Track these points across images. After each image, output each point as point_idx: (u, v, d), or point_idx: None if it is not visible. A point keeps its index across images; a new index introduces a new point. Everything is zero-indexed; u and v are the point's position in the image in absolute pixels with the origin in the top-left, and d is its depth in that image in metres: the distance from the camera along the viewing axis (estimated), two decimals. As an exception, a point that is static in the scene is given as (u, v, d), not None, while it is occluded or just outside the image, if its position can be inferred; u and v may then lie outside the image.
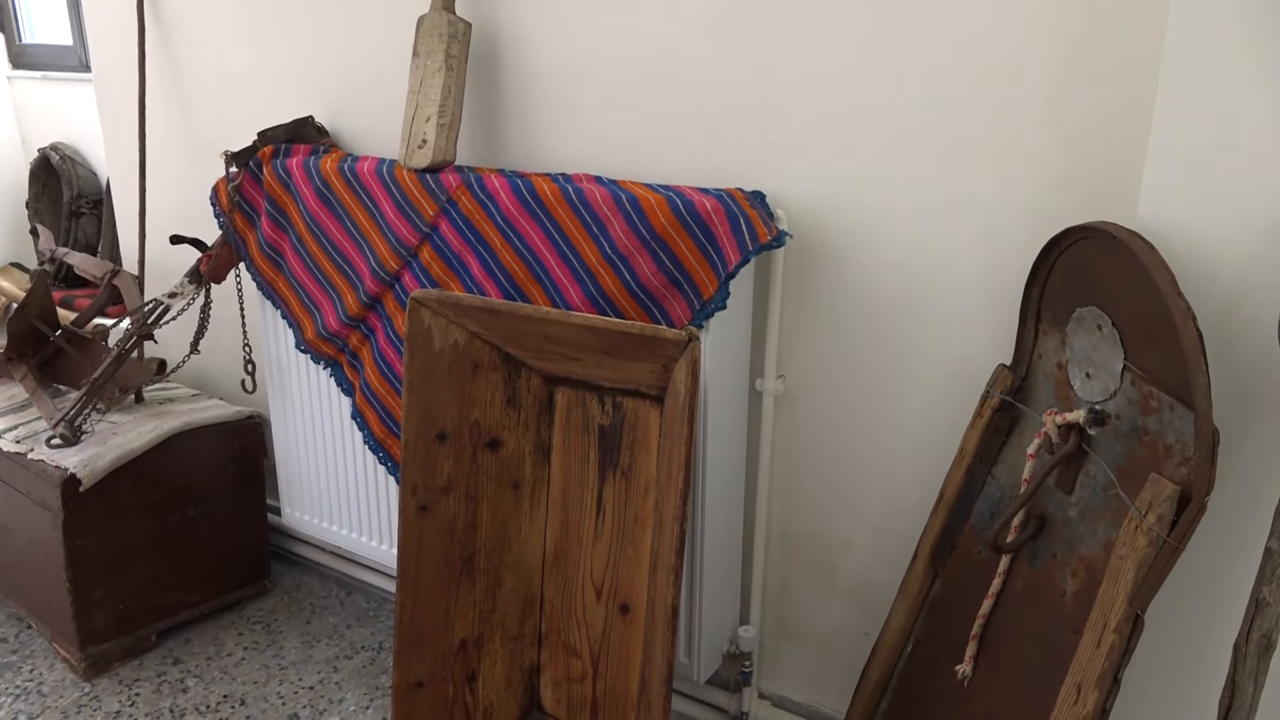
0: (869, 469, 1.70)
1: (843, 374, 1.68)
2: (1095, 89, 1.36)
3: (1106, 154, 1.37)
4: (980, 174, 1.47)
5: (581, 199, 1.65)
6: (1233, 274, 1.21)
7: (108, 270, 2.46)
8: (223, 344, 2.48)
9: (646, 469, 1.65)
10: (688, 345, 1.46)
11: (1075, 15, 1.35)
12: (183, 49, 2.41)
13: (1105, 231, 1.23)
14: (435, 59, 1.82)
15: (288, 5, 2.17)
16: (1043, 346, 1.41)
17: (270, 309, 2.14)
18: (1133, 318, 1.21)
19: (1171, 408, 1.16)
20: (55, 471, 2.00)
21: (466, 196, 1.78)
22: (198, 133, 2.45)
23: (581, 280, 1.67)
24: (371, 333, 1.98)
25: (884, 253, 1.59)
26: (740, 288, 1.61)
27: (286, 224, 2.06)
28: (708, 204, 1.55)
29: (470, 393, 1.72)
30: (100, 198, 3.40)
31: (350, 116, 2.15)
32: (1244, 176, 1.18)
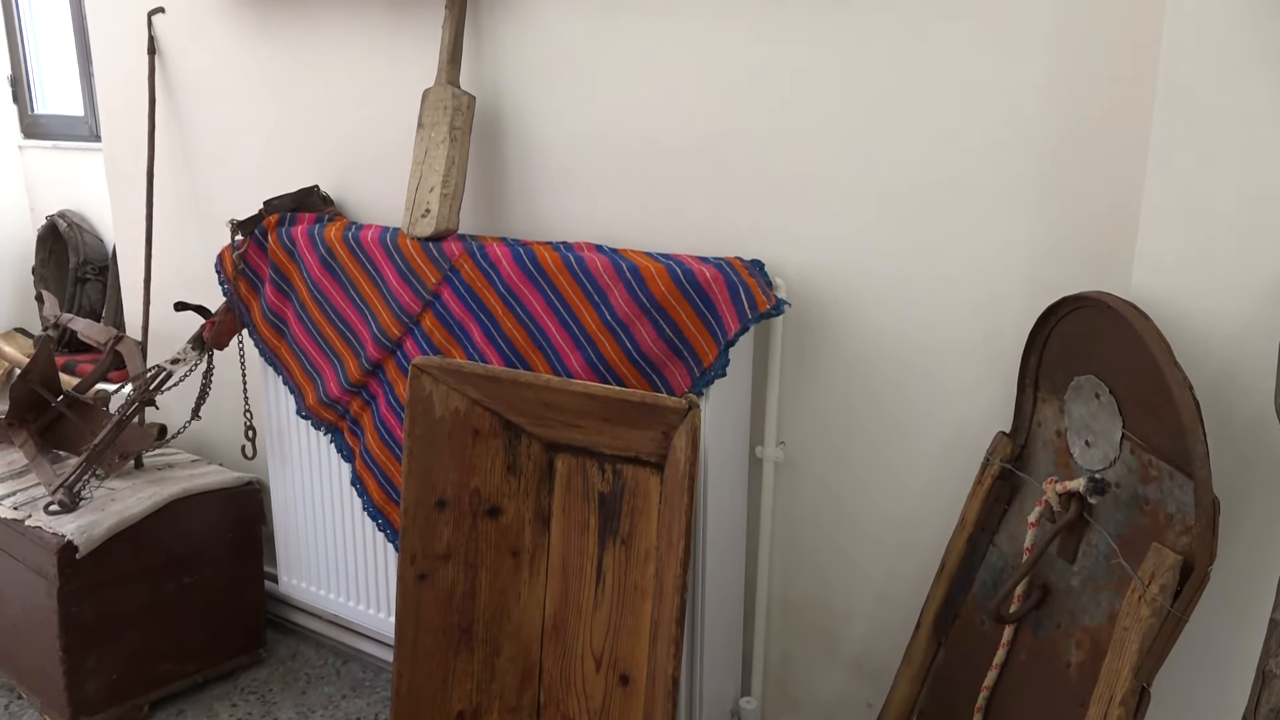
0: (870, 536, 1.69)
1: (843, 441, 1.69)
2: (1088, 163, 1.39)
3: (1100, 225, 1.39)
4: (977, 244, 1.49)
5: (582, 267, 1.67)
6: (1227, 342, 1.22)
7: (111, 336, 2.47)
8: (224, 410, 2.49)
9: (647, 537, 1.64)
10: (688, 413, 1.47)
11: (1069, 93, 1.38)
12: (192, 120, 2.46)
13: (1101, 301, 1.24)
14: (440, 131, 1.86)
15: (296, 78, 2.22)
16: (1041, 414, 1.42)
17: (272, 375, 2.15)
18: (1130, 386, 1.22)
19: (1171, 476, 1.16)
20: (52, 538, 1.99)
21: (469, 265, 1.80)
22: (204, 201, 2.49)
23: (582, 347, 1.68)
24: (373, 399, 1.99)
25: (882, 320, 1.60)
26: (740, 355, 1.63)
27: (290, 291, 2.08)
28: (707, 273, 1.57)
29: (470, 460, 1.72)
30: (106, 264, 3.44)
31: (355, 186, 2.19)
32: (1235, 247, 1.20)
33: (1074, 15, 1.36)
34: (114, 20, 2.56)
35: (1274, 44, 1.14)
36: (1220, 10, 1.16)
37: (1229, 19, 1.16)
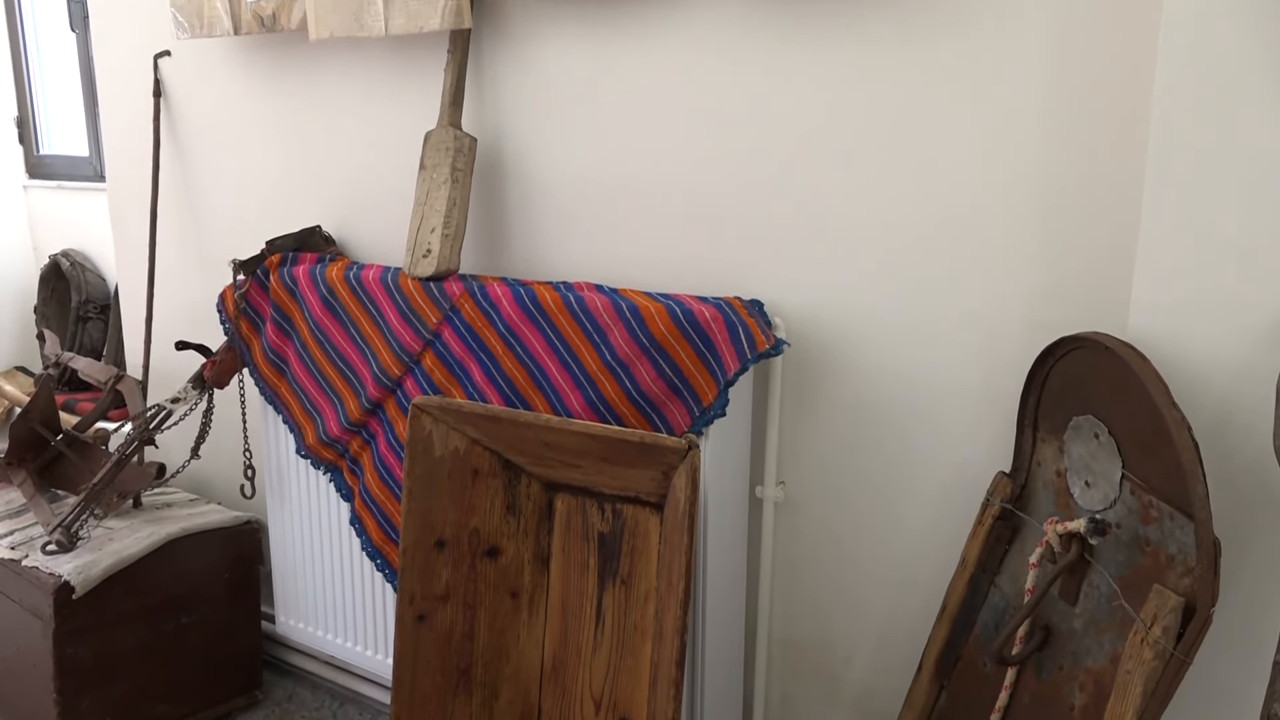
0: (871, 576, 1.69)
1: (843, 480, 1.68)
2: (1085, 205, 1.40)
3: (1098, 266, 1.40)
4: (976, 284, 1.50)
5: (582, 307, 1.68)
6: (1225, 383, 1.22)
7: (112, 375, 2.48)
8: (223, 449, 2.49)
9: (647, 577, 1.63)
10: (687, 453, 1.47)
11: (1064, 138, 1.40)
12: (195, 160, 2.48)
13: (1098, 342, 1.25)
14: (441, 172, 1.88)
15: (299, 120, 2.25)
16: (1041, 454, 1.42)
17: (272, 414, 2.15)
18: (1129, 427, 1.22)
19: (1171, 517, 1.16)
20: (49, 579, 1.98)
21: (469, 304, 1.81)
22: (207, 241, 2.51)
23: (582, 387, 1.69)
24: (372, 438, 1.99)
25: (882, 360, 1.61)
26: (739, 395, 1.63)
27: (291, 330, 2.09)
28: (707, 313, 1.58)
29: (470, 500, 1.72)
30: (108, 303, 3.45)
31: (357, 226, 2.20)
32: (1230, 288, 1.21)
33: (1068, 63, 1.38)
34: (120, 63, 2.59)
35: (1267, 88, 1.15)
36: (1213, 55, 1.18)
37: (1222, 64, 1.18)
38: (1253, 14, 1.15)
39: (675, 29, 1.70)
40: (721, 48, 1.66)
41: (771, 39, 1.61)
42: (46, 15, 3.68)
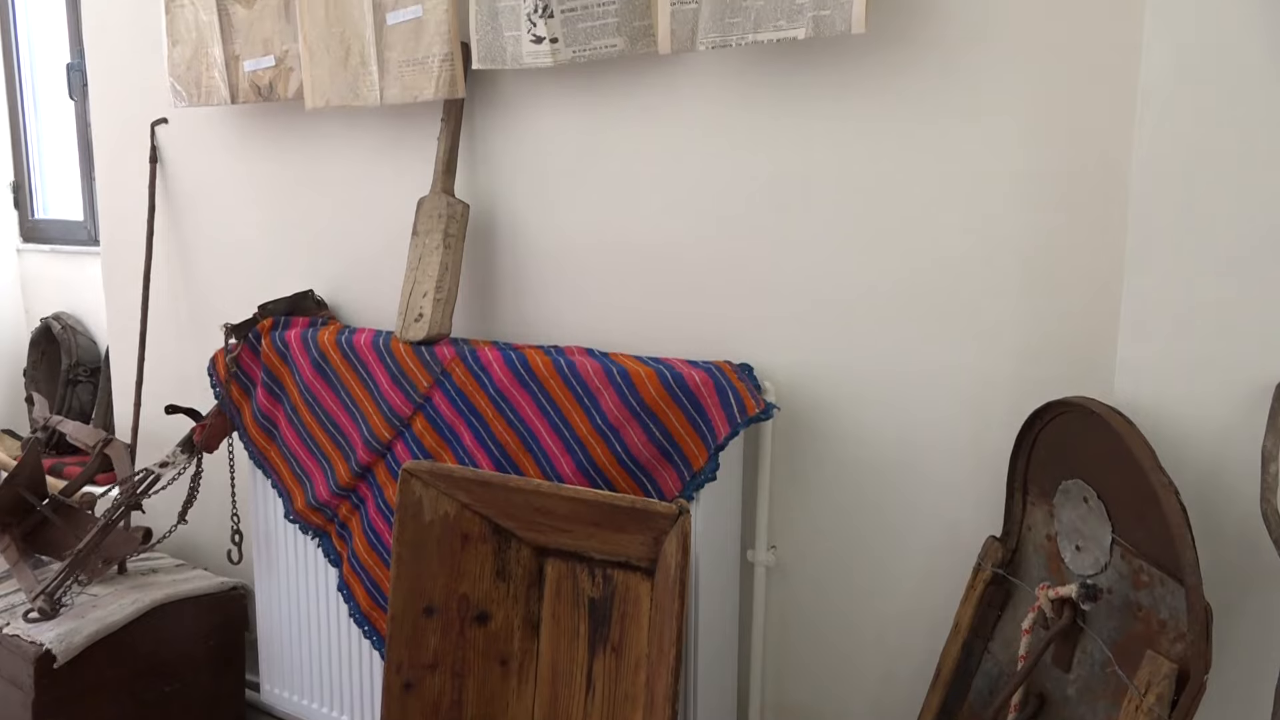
0: (864, 640, 1.67)
1: (835, 544, 1.68)
2: (1068, 268, 1.42)
3: (1082, 328, 1.42)
4: (961, 348, 1.52)
5: (573, 371, 1.69)
6: (1211, 446, 1.23)
7: (100, 439, 2.47)
8: (211, 513, 2.47)
9: (638, 644, 1.62)
10: (678, 518, 1.46)
11: (1047, 201, 1.43)
12: (190, 225, 2.50)
13: (1084, 407, 1.26)
14: (434, 238, 1.90)
15: (294, 185, 2.27)
16: (1031, 518, 1.42)
17: (261, 478, 2.14)
18: (1117, 491, 1.22)
19: (1162, 582, 1.15)
20: (30, 647, 1.94)
21: (460, 368, 1.81)
22: (199, 304, 2.52)
23: (573, 451, 1.69)
24: (362, 503, 1.98)
25: (872, 424, 1.61)
26: (730, 459, 1.63)
27: (282, 394, 2.09)
28: (696, 377, 1.59)
29: (460, 565, 1.70)
30: (98, 366, 3.45)
31: (350, 290, 2.22)
32: (1212, 351, 1.22)
33: (1049, 126, 1.42)
34: (118, 130, 2.63)
35: (1243, 153, 1.18)
36: (1189, 119, 1.21)
37: (1198, 128, 1.21)
38: (1227, 81, 1.18)
39: (662, 100, 1.74)
40: (708, 118, 1.70)
41: (756, 109, 1.65)
42: (46, 83, 3.73)
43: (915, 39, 1.49)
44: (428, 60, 1.87)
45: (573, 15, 1.69)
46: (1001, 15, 1.42)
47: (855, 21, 1.44)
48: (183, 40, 2.26)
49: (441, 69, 1.86)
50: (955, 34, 1.46)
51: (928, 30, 1.48)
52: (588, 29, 1.69)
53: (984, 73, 1.45)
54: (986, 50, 1.44)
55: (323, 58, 2.02)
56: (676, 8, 1.60)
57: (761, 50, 1.62)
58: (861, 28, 1.44)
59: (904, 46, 1.50)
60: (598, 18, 1.68)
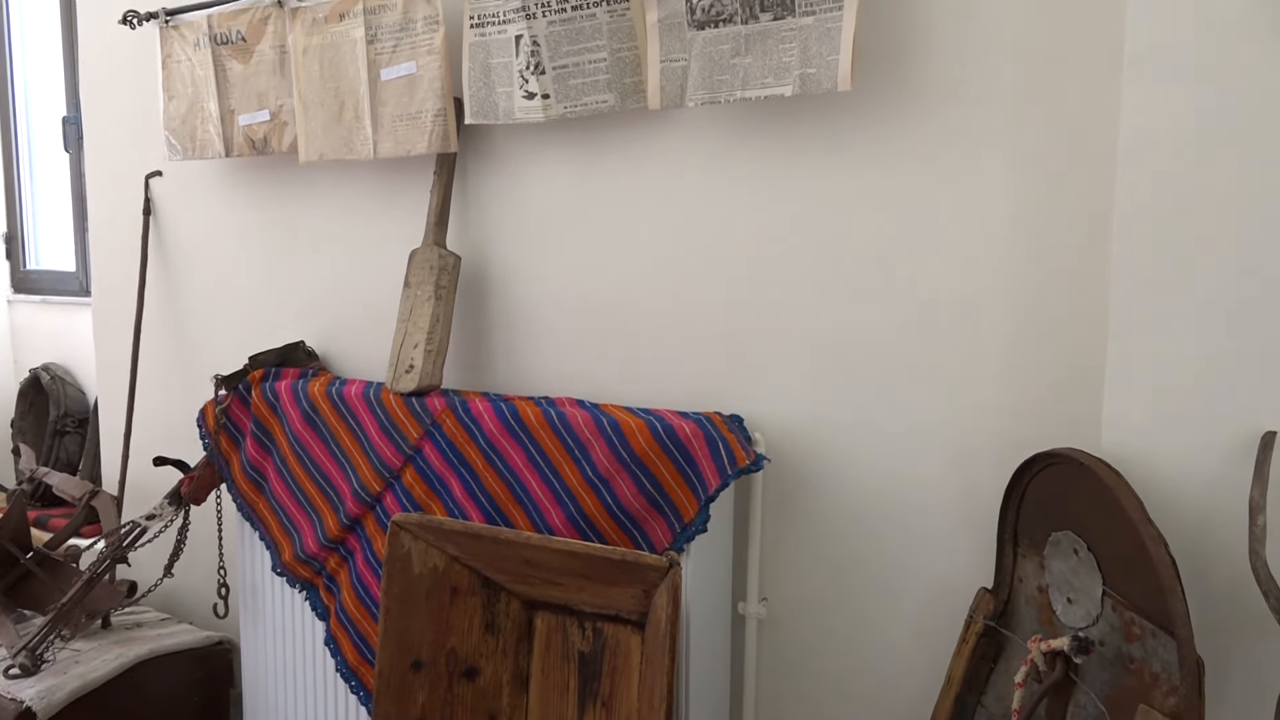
0: (856, 694, 1.66)
1: (826, 596, 1.67)
2: (1054, 320, 1.44)
3: (1069, 380, 1.43)
4: (950, 400, 1.53)
5: (564, 422, 1.69)
6: (1199, 498, 1.24)
7: (86, 491, 2.45)
8: (197, 566, 2.44)
9: (628, 699, 1.60)
10: (669, 571, 1.46)
11: (1032, 255, 1.45)
12: (182, 276, 2.51)
13: (1073, 458, 1.26)
14: (425, 289, 1.91)
15: (286, 237, 2.29)
16: (1022, 570, 1.41)
17: (248, 530, 2.13)
18: (1107, 543, 1.22)
19: (1154, 634, 1.15)
20: (9, 704, 1.91)
21: (451, 419, 1.81)
22: (189, 356, 2.52)
23: (563, 502, 1.68)
24: (350, 555, 1.96)
25: (862, 475, 1.61)
26: (721, 510, 1.63)
27: (271, 445, 2.08)
28: (687, 428, 1.59)
29: (448, 619, 1.69)
30: (86, 416, 3.43)
31: (341, 341, 2.22)
32: (1198, 404, 1.23)
33: (1034, 184, 1.44)
34: (112, 182, 2.65)
35: (1223, 209, 1.21)
36: (1168, 179, 1.24)
37: (1177, 187, 1.23)
38: (1206, 139, 1.21)
39: (652, 154, 1.76)
40: (698, 170, 1.72)
41: (745, 164, 1.67)
42: (41, 136, 3.76)
43: (900, 95, 1.52)
44: (421, 115, 1.90)
45: (564, 72, 1.72)
46: (985, 72, 1.46)
47: (841, 79, 1.47)
48: (178, 95, 2.28)
49: (434, 124, 1.88)
50: (940, 90, 1.49)
51: (912, 87, 1.51)
52: (579, 85, 1.72)
53: (968, 128, 1.48)
54: (971, 106, 1.47)
55: (317, 112, 2.05)
56: (666, 65, 1.63)
57: (750, 107, 1.65)
58: (847, 85, 1.47)
59: (889, 103, 1.53)
60: (589, 74, 1.71)
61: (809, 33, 1.49)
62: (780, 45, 1.52)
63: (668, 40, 1.62)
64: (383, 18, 1.93)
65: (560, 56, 1.72)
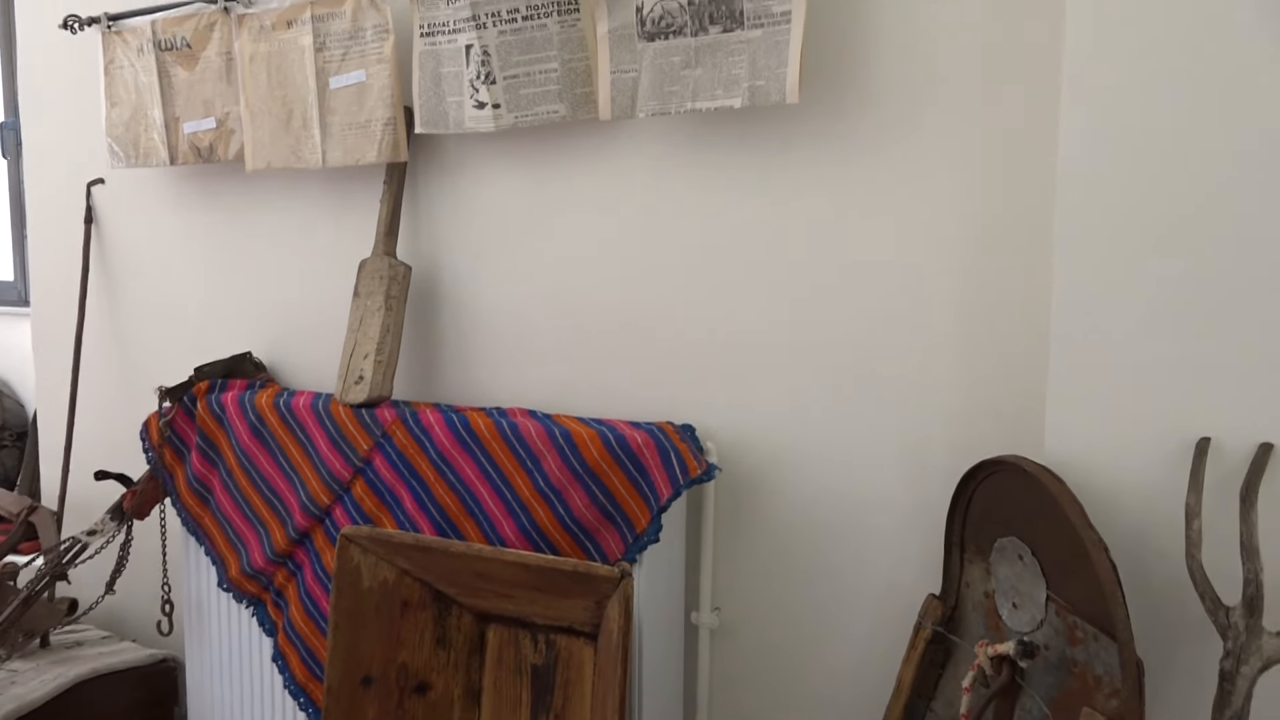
0: (808, 703, 1.67)
1: (779, 605, 1.68)
2: (998, 330, 1.47)
3: (1013, 387, 1.46)
4: (898, 408, 1.55)
5: (515, 433, 1.69)
6: (1139, 504, 1.27)
7: (24, 506, 2.38)
8: (140, 582, 2.39)
9: (581, 711, 1.59)
10: (621, 581, 1.45)
11: (977, 266, 1.47)
12: (125, 286, 2.46)
13: (1016, 465, 1.29)
14: (375, 299, 1.89)
15: (233, 246, 2.25)
16: (969, 575, 1.43)
17: (193, 545, 2.08)
18: (1050, 549, 1.25)
19: (1096, 638, 1.17)
20: (-57, 728, 1.85)
21: (401, 431, 1.80)
22: (133, 367, 2.46)
23: (515, 514, 1.67)
24: (298, 569, 1.93)
25: (813, 483, 1.63)
26: (673, 520, 1.63)
27: (217, 458, 2.04)
28: (639, 438, 1.59)
29: (398, 633, 1.67)
30: (25, 430, 3.34)
31: (289, 352, 2.19)
32: (1137, 412, 1.26)
33: (979, 195, 1.47)
34: (52, 190, 2.59)
35: (1164, 219, 1.24)
36: (1107, 189, 1.27)
37: (1116, 196, 1.26)
38: (1144, 151, 1.24)
39: (603, 164, 1.77)
40: (648, 182, 1.73)
41: (696, 174, 1.68)
42: (-23, 142, 3.67)
43: (848, 108, 1.54)
44: (370, 124, 1.88)
45: (515, 82, 1.72)
46: (930, 86, 1.48)
47: (789, 92, 1.49)
48: (121, 102, 2.24)
49: (384, 133, 1.87)
50: (887, 102, 1.51)
51: (860, 99, 1.53)
52: (530, 95, 1.72)
53: (915, 140, 1.50)
54: (917, 119, 1.50)
55: (264, 120, 2.02)
56: (617, 76, 1.63)
57: (700, 117, 1.66)
58: (795, 98, 1.49)
59: (837, 115, 1.55)
60: (539, 84, 1.71)
61: (757, 45, 1.51)
62: (729, 58, 1.53)
63: (618, 51, 1.63)
64: (331, 25, 1.91)
65: (511, 66, 1.72)
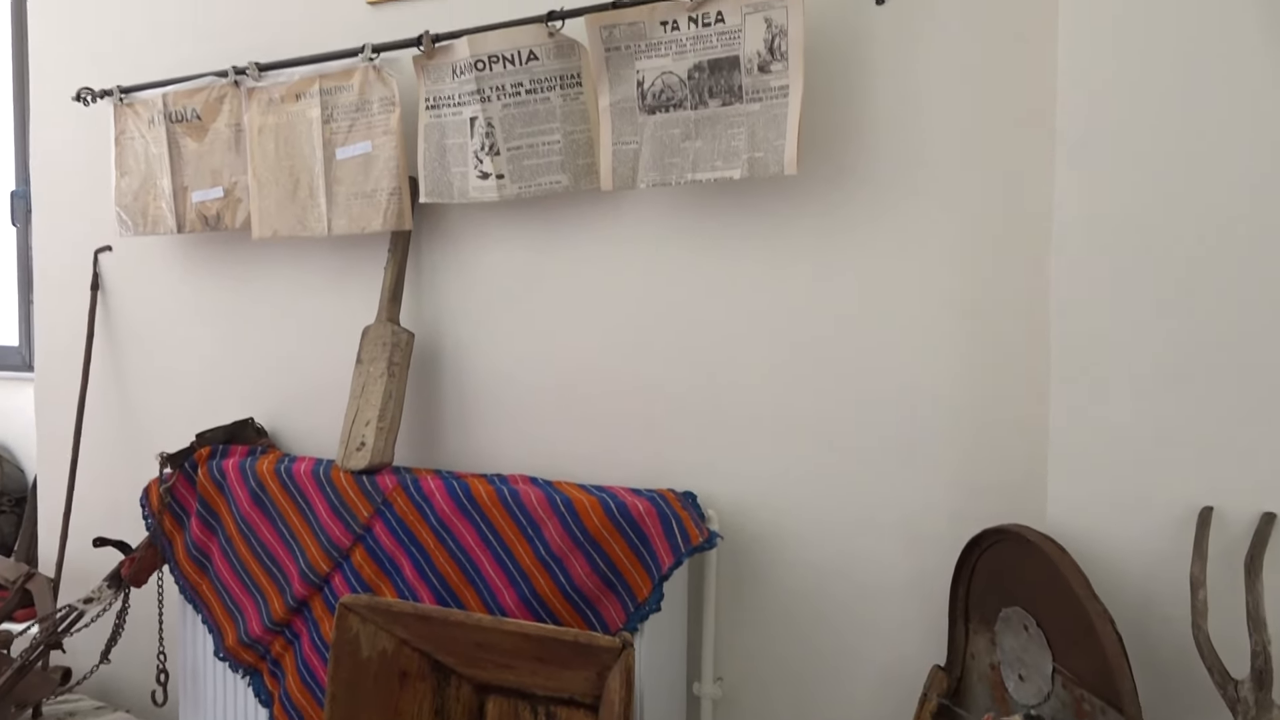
0: (813, 778, 1.64)
1: (782, 675, 1.66)
2: (999, 401, 1.47)
3: (1014, 456, 1.46)
4: (899, 477, 1.55)
5: (516, 500, 1.68)
6: (1143, 572, 1.26)
7: (21, 573, 2.36)
8: (136, 651, 2.36)
9: (581, 785, 1.56)
10: (622, 652, 1.44)
11: (977, 339, 1.49)
12: (129, 352, 2.48)
13: (1020, 535, 1.28)
14: (378, 366, 1.90)
15: (238, 312, 2.27)
16: (974, 646, 1.42)
17: (190, 614, 2.06)
18: (1055, 619, 1.24)
19: (1104, 711, 1.16)
20: (-70, 803, 1.81)
21: (402, 498, 1.79)
22: (135, 433, 2.47)
23: (516, 583, 1.66)
24: (296, 638, 1.91)
25: (815, 551, 1.62)
26: (674, 589, 1.62)
27: (217, 525, 2.04)
28: (640, 506, 1.59)
29: (397, 705, 1.64)
30: (24, 495, 3.33)
31: (292, 418, 2.20)
32: (1139, 481, 1.26)
33: (975, 261, 1.48)
34: (60, 257, 2.61)
35: (1155, 288, 1.25)
36: (1101, 261, 1.28)
37: (1110, 268, 1.28)
38: (1137, 220, 1.26)
39: (605, 233, 1.79)
40: (649, 249, 1.75)
41: (696, 243, 1.70)
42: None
43: (845, 179, 1.57)
44: (376, 194, 1.91)
45: (518, 153, 1.75)
46: (926, 158, 1.51)
47: (788, 164, 1.52)
48: (131, 171, 2.28)
49: (389, 202, 1.90)
50: (883, 174, 1.54)
51: (857, 171, 1.56)
52: (533, 166, 1.75)
53: (911, 211, 1.52)
54: (913, 190, 1.52)
55: (271, 189, 2.05)
56: (618, 147, 1.67)
57: (700, 188, 1.69)
58: (794, 170, 1.51)
59: (835, 186, 1.58)
60: (542, 155, 1.74)
61: (756, 118, 1.54)
62: (729, 130, 1.57)
63: (619, 124, 1.66)
64: (339, 98, 1.95)
65: (514, 138, 1.75)
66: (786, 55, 1.50)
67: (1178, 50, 1.23)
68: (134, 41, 2.38)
